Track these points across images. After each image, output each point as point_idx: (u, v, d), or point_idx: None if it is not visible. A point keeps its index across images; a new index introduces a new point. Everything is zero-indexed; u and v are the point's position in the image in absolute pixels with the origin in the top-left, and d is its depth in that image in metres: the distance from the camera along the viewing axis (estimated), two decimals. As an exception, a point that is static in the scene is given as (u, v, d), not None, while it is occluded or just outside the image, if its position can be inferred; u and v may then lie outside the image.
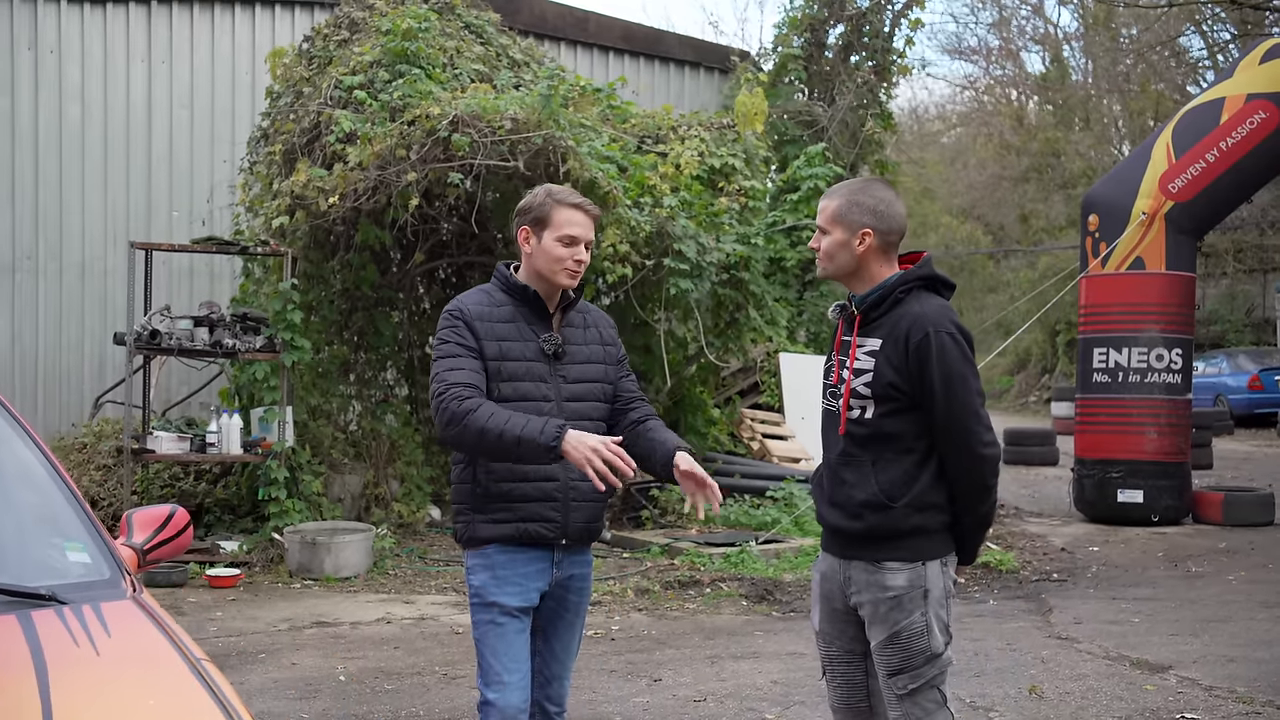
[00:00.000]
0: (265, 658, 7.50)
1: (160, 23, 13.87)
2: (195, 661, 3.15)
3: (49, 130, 13.42)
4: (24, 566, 3.48)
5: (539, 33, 15.53)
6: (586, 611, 4.38)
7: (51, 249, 13.34)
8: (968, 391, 3.80)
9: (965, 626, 8.56)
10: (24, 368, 13.27)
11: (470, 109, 9.99)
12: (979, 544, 4.03)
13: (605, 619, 8.65)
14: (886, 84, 15.88)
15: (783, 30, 15.57)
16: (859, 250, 3.91)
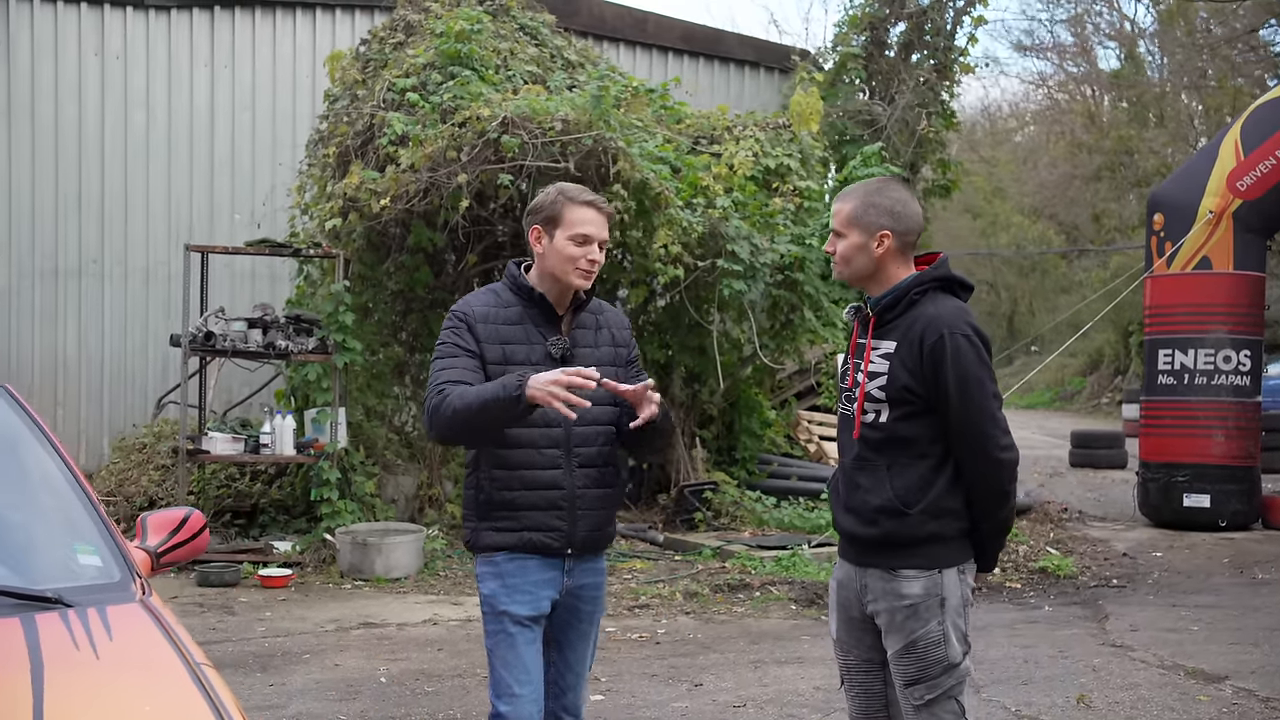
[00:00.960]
0: (310, 658, 7.53)
1: (223, 28, 14.02)
2: (195, 666, 3.15)
3: (114, 136, 13.61)
4: (34, 569, 3.50)
5: (598, 34, 15.51)
6: (600, 620, 4.32)
7: (116, 253, 13.52)
8: (983, 394, 3.71)
9: (1017, 633, 8.43)
10: (90, 370, 13.46)
11: (520, 110, 9.99)
12: (998, 551, 3.94)
13: (652, 622, 8.61)
14: (949, 82, 15.69)
15: (842, 29, 15.45)
16: (877, 253, 3.84)
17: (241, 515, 10.99)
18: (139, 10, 13.78)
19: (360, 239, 10.79)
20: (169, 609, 3.55)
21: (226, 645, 7.84)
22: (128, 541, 3.81)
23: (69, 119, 13.46)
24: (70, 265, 13.41)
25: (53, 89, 13.42)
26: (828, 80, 15.07)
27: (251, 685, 6.94)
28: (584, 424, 4.03)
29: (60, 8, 13.52)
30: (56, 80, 13.44)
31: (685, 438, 11.90)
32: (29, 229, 13.27)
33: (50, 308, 13.34)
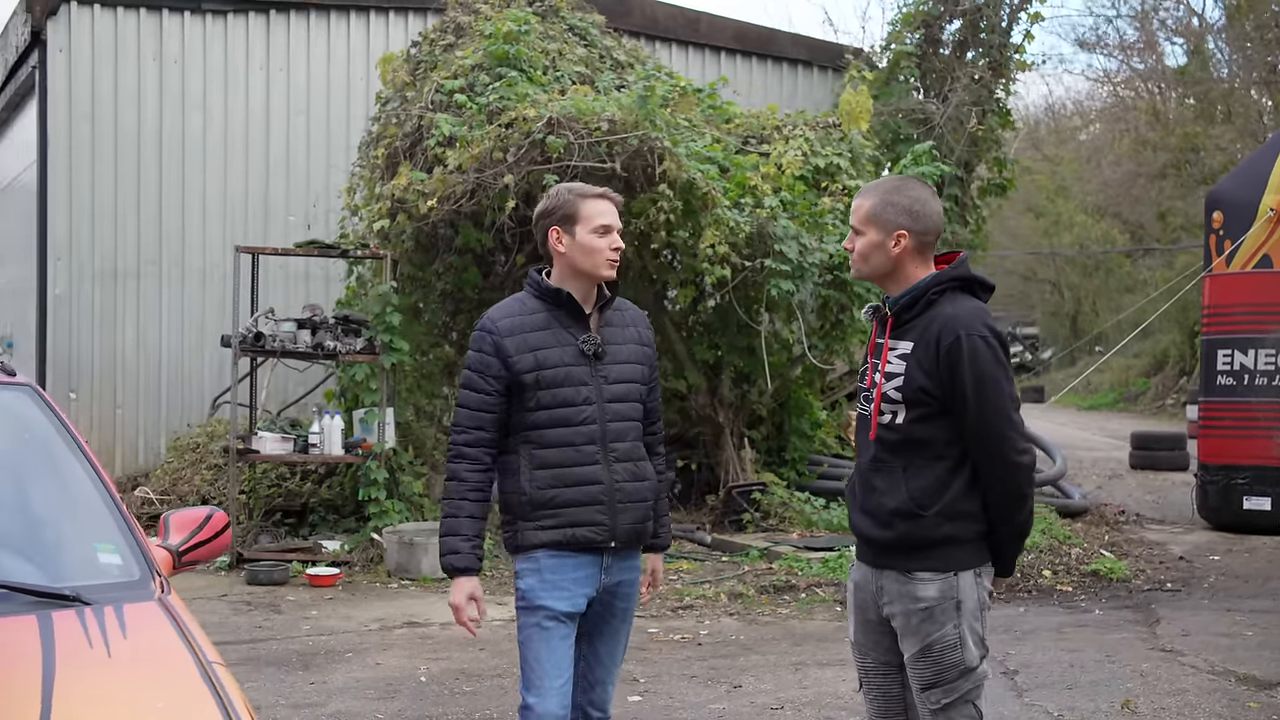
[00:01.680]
0: (352, 657, 7.59)
1: (278, 31, 14.15)
2: (207, 665, 3.18)
3: (172, 139, 13.77)
4: (55, 567, 3.56)
5: (650, 34, 15.51)
6: (633, 618, 4.35)
7: (174, 255, 13.68)
8: (1000, 396, 3.68)
9: (1064, 636, 8.33)
10: (148, 370, 13.63)
11: (565, 111, 10.01)
12: (1016, 555, 3.89)
13: (695, 623, 8.59)
14: (1004, 80, 15.53)
15: (896, 27, 15.33)
16: (894, 251, 3.81)
17: (292, 514, 11.08)
18: (196, 15, 13.94)
19: (409, 240, 10.85)
20: (186, 608, 3.59)
21: (271, 643, 7.92)
22: (150, 540, 3.86)
23: (128, 122, 13.64)
24: (128, 267, 13.58)
25: (112, 93, 13.60)
26: (881, 79, 14.96)
27: (293, 683, 7.00)
28: (617, 420, 4.13)
29: (120, 13, 13.70)
30: (116, 85, 13.61)
31: (734, 438, 11.86)
32: (89, 231, 13.46)
33: (109, 309, 13.52)
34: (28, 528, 3.70)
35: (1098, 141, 39.58)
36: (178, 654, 3.20)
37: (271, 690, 6.85)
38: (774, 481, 11.77)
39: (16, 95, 15.45)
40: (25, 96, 15.13)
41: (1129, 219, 36.11)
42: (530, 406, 4.04)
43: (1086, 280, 38.11)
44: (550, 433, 4.05)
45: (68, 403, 13.39)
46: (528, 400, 4.04)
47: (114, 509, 3.76)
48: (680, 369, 12.03)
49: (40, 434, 3.93)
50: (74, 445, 3.91)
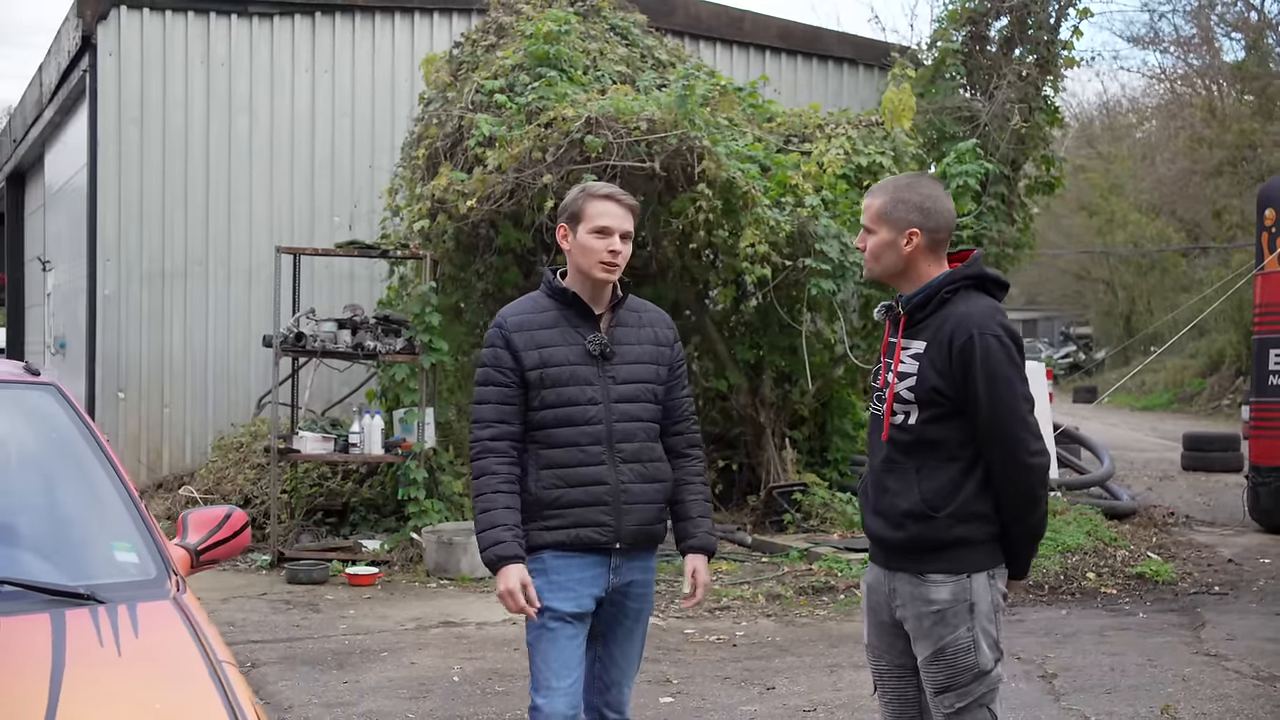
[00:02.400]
0: (386, 656, 7.61)
1: (323, 33, 14.23)
2: (217, 665, 3.19)
3: (218, 141, 13.88)
4: (71, 565, 3.58)
5: (694, 33, 15.48)
6: (649, 619, 4.34)
7: (220, 256, 13.79)
8: (1014, 396, 3.64)
9: (1105, 639, 8.23)
10: (195, 370, 13.75)
11: (604, 110, 10.00)
12: (1030, 557, 3.86)
13: (731, 624, 8.56)
14: (1052, 77, 15.36)
15: (942, 24, 15.20)
16: (906, 250, 3.78)
17: (333, 514, 11.14)
18: (243, 18, 14.04)
19: (450, 240, 10.88)
20: (201, 607, 3.60)
21: (307, 642, 7.96)
22: (167, 539, 3.88)
23: (175, 125, 13.76)
24: (176, 268, 13.70)
25: (160, 96, 13.72)
26: (926, 77, 14.84)
27: (326, 682, 7.03)
28: (625, 420, 4.11)
29: (168, 17, 13.82)
30: (164, 87, 13.73)
31: (775, 439, 11.81)
32: (137, 233, 13.59)
33: (157, 310, 13.64)
34: (46, 526, 3.73)
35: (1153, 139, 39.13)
36: (188, 654, 3.20)
37: (305, 689, 6.89)
38: (815, 482, 11.71)
39: (69, 99, 15.64)
40: (77, 100, 15.32)
41: (1184, 217, 35.67)
42: (536, 406, 4.05)
43: (1141, 279, 37.67)
44: (556, 432, 4.05)
45: (116, 402, 13.54)
46: (533, 399, 4.05)
47: (132, 508, 3.78)
48: (721, 369, 12.00)
49: (62, 433, 3.97)
50: (95, 445, 3.94)
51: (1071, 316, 49.31)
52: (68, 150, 16.44)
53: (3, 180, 22.38)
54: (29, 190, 21.33)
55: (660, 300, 11.96)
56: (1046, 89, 15.42)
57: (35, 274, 20.08)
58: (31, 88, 18.63)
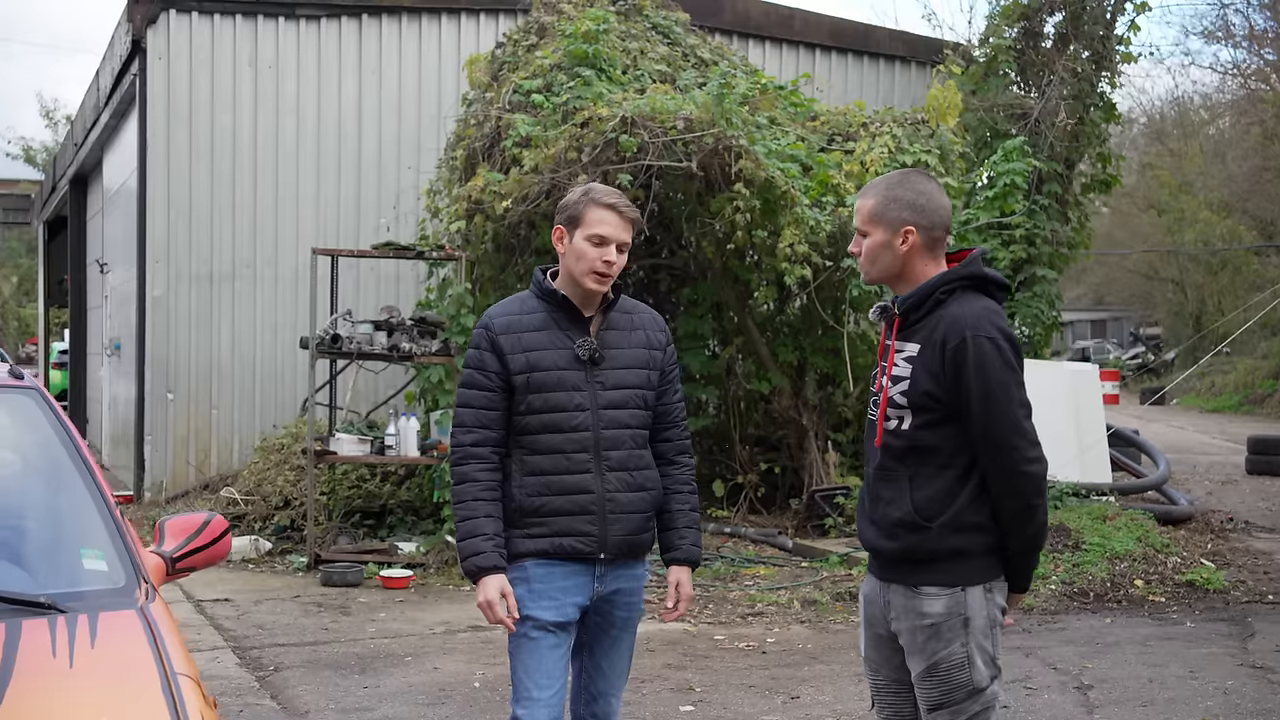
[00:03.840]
0: (411, 660, 7.55)
1: (370, 35, 14.24)
2: (171, 677, 3.12)
3: (266, 143, 13.93)
4: (37, 573, 3.54)
5: (743, 32, 15.34)
6: (636, 628, 4.23)
7: (267, 257, 13.84)
8: (1009, 402, 3.48)
9: (1148, 650, 8.01)
10: (242, 371, 13.81)
11: (639, 110, 9.90)
12: (1030, 569, 3.69)
13: (763, 630, 8.42)
14: (1109, 73, 15.07)
15: (994, 21, 14.96)
16: (902, 250, 3.64)
17: (371, 516, 11.12)
18: (290, 20, 14.09)
19: (489, 241, 10.82)
20: (169, 616, 3.54)
21: (334, 645, 7.92)
22: (143, 546, 3.83)
23: (224, 127, 13.82)
24: (224, 270, 13.77)
25: (209, 99, 13.80)
26: (978, 74, 14.61)
27: (346, 687, 6.98)
28: (613, 427, 4.00)
29: (216, 20, 13.90)
30: (212, 90, 13.81)
31: (818, 441, 11.64)
32: (186, 235, 13.67)
33: (205, 312, 13.72)
34: (15, 533, 3.69)
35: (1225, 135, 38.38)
36: (143, 665, 3.14)
37: (324, 693, 6.85)
38: (858, 485, 11.52)
39: (122, 103, 15.79)
40: (129, 104, 15.45)
41: (1256, 215, 34.93)
42: (521, 411, 3.95)
43: (1211, 279, 36.92)
44: (541, 439, 3.95)
45: (165, 404, 13.63)
46: (519, 404, 3.95)
47: (106, 515, 3.73)
48: (763, 370, 11.85)
49: (41, 438, 3.93)
50: (74, 451, 3.89)
51: (1140, 317, 48.52)
52: (123, 154, 16.61)
53: (66, 184, 22.69)
54: (90, 194, 21.60)
55: (701, 301, 11.87)
56: (1103, 85, 15.13)
57: (95, 277, 20.33)
58: (89, 92, 18.86)
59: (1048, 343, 14.72)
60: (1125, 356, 42.78)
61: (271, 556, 10.70)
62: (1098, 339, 49.92)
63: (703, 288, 11.72)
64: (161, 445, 13.63)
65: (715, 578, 9.94)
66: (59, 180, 24.10)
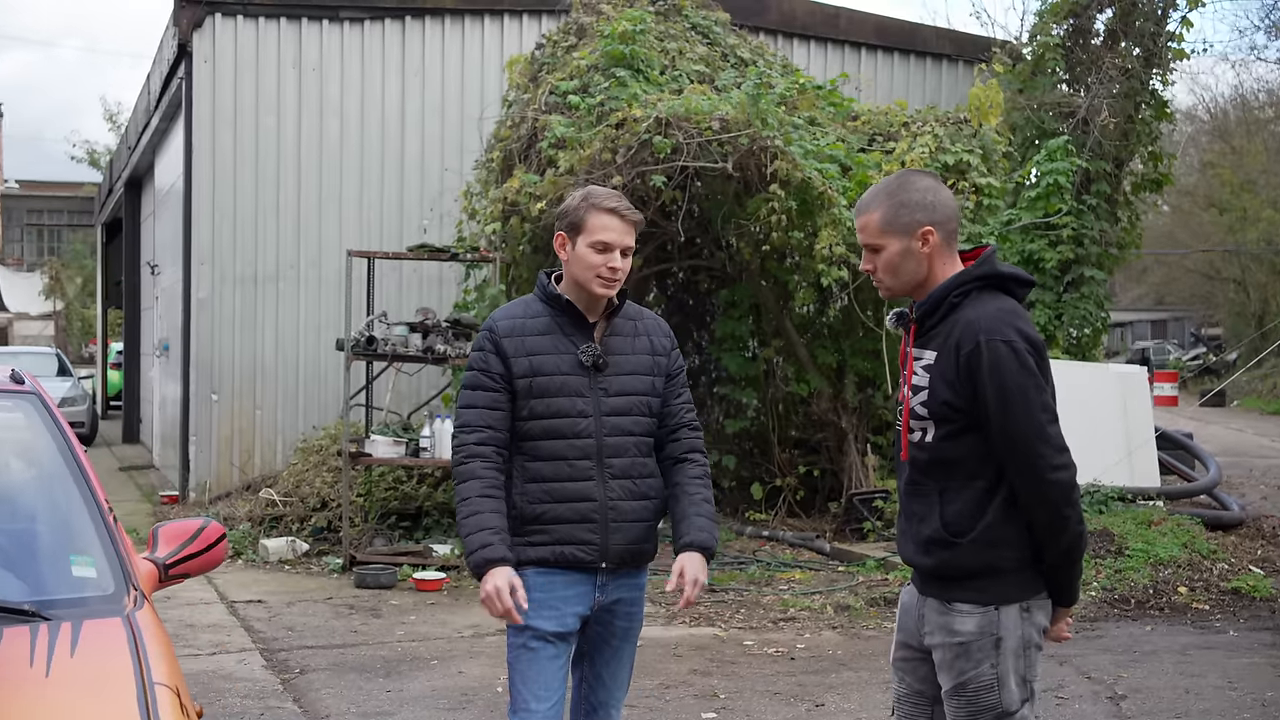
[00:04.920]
0: (437, 664, 7.53)
1: (413, 37, 14.28)
2: (149, 687, 3.09)
3: (309, 145, 14.01)
4: (25, 580, 3.52)
5: (788, 32, 15.26)
6: (637, 639, 4.17)
7: (311, 259, 13.91)
8: (1029, 407, 3.32)
9: (1187, 659, 7.84)
10: (286, 372, 13.89)
11: (673, 110, 9.83)
12: (1073, 581, 3.51)
13: (794, 636, 8.33)
14: (1160, 70, 14.81)
15: (1042, 18, 14.74)
16: (924, 251, 3.47)
17: (406, 518, 11.13)
18: (334, 23, 14.15)
19: (524, 243, 10.80)
20: (157, 623, 3.51)
21: (361, 649, 7.92)
22: (136, 553, 3.82)
23: (267, 129, 13.91)
24: (268, 271, 13.86)
25: (253, 102, 13.90)
26: (1025, 72, 14.42)
27: (370, 691, 6.97)
28: (616, 434, 3.94)
29: (261, 24, 13.99)
30: (256, 93, 13.91)
31: (857, 444, 11.53)
32: (230, 237, 13.77)
33: (250, 313, 13.81)
34: (4, 539, 3.68)
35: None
36: (121, 675, 3.11)
37: (346, 697, 6.84)
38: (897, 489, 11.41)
39: (171, 106, 15.94)
40: (177, 107, 15.59)
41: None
42: (523, 416, 3.90)
43: (1274, 278, 36.28)
44: (543, 445, 3.89)
45: (210, 405, 13.73)
46: (521, 409, 3.89)
47: (99, 521, 3.71)
48: (803, 373, 11.75)
49: (36, 443, 3.92)
50: (70, 456, 3.89)
51: (1201, 317, 47.77)
52: (172, 156, 16.76)
53: (121, 186, 22.95)
54: (144, 196, 21.84)
55: (739, 303, 11.79)
56: (1154, 83, 14.88)
57: (148, 278, 20.55)
58: (141, 96, 19.07)
59: (1096, 344, 14.49)
60: (1186, 357, 42.08)
61: (308, 558, 10.74)
62: (1158, 339, 49.20)
63: (741, 289, 11.63)
64: (206, 446, 13.72)
65: (750, 581, 9.86)
66: (115, 183, 24.40)
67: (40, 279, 55.52)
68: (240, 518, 11.49)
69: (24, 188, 60.27)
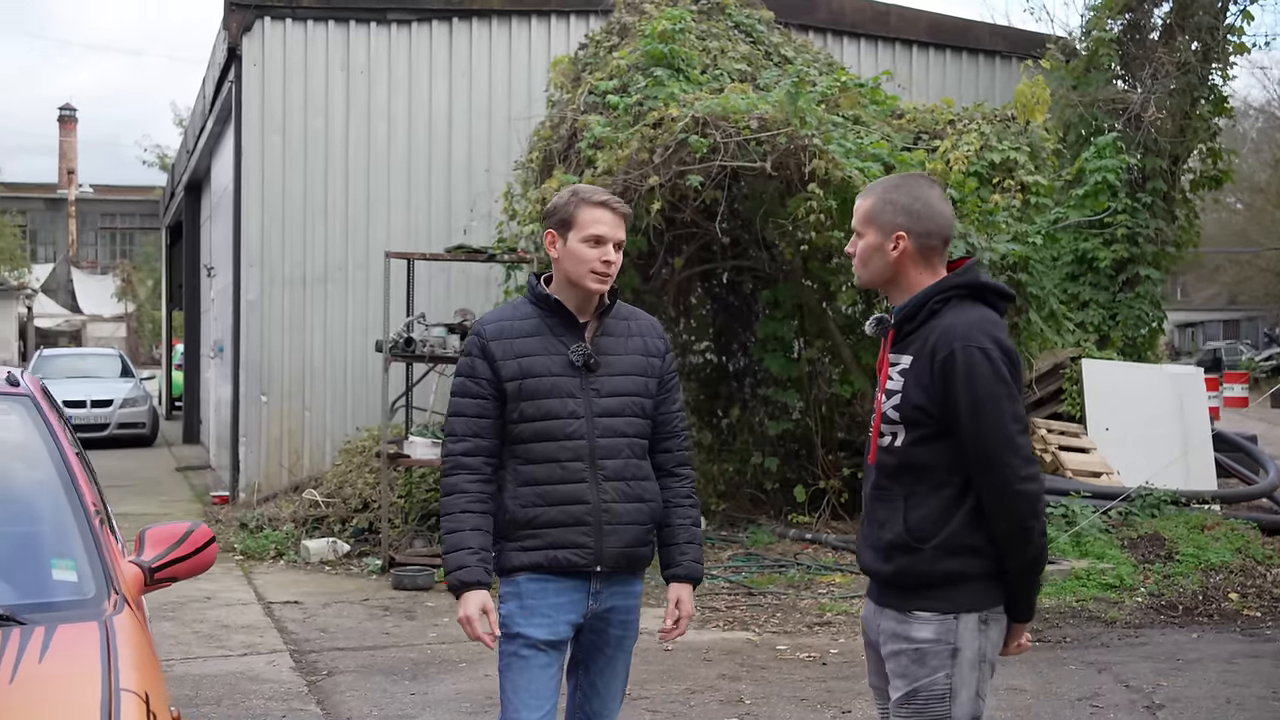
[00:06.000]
0: (465, 667, 7.50)
1: (460, 38, 14.29)
2: (114, 693, 3.06)
3: (357, 147, 14.05)
4: (3, 584, 3.51)
5: (837, 30, 15.12)
6: (632, 648, 4.09)
7: (359, 260, 13.95)
8: (999, 417, 3.28)
9: (1232, 668, 7.64)
10: (334, 373, 13.94)
11: (710, 110, 9.74)
12: (1031, 596, 3.46)
13: (828, 641, 8.22)
14: (1220, 64, 14.52)
15: (1097, 13, 14.49)
16: (893, 255, 3.47)
17: (446, 519, 11.10)
18: (382, 25, 14.19)
19: (563, 244, 10.74)
20: (136, 627, 3.49)
21: (391, 650, 7.91)
22: (122, 556, 3.80)
23: (316, 131, 13.98)
24: (316, 273, 13.92)
25: (302, 104, 13.97)
26: (1079, 68, 14.18)
27: (395, 693, 6.95)
28: (609, 435, 3.88)
29: (309, 26, 14.06)
30: (305, 95, 13.97)
31: (902, 447, 11.36)
32: (279, 239, 13.85)
33: (299, 315, 13.88)
34: (-14, 543, 3.68)
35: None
36: (87, 681, 3.08)
37: (370, 700, 6.82)
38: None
39: (223, 110, 16.07)
40: (229, 111, 15.70)
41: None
42: (514, 419, 3.84)
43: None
44: (535, 447, 3.84)
45: (259, 406, 13.81)
46: (511, 412, 3.84)
47: (84, 524, 3.70)
48: (847, 374, 11.61)
49: (27, 447, 3.92)
50: (59, 459, 3.88)
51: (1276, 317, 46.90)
52: (225, 159, 16.89)
53: (182, 190, 23.22)
54: (203, 199, 22.07)
55: (782, 303, 11.67)
56: (1214, 77, 14.59)
57: (205, 281, 20.76)
58: (198, 100, 19.27)
59: (1152, 345, 14.23)
60: (1259, 357, 41.33)
61: (349, 559, 10.77)
62: (1230, 340, 48.31)
63: (783, 290, 11.52)
64: (255, 446, 13.81)
65: (789, 585, 9.75)
66: (176, 187, 24.69)
67: (113, 281, 56.49)
68: (284, 518, 11.55)
69: (98, 192, 61.35)
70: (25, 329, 46.72)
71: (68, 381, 22.57)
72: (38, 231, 60.87)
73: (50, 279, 56.77)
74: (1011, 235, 10.69)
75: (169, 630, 8.31)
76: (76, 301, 56.87)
